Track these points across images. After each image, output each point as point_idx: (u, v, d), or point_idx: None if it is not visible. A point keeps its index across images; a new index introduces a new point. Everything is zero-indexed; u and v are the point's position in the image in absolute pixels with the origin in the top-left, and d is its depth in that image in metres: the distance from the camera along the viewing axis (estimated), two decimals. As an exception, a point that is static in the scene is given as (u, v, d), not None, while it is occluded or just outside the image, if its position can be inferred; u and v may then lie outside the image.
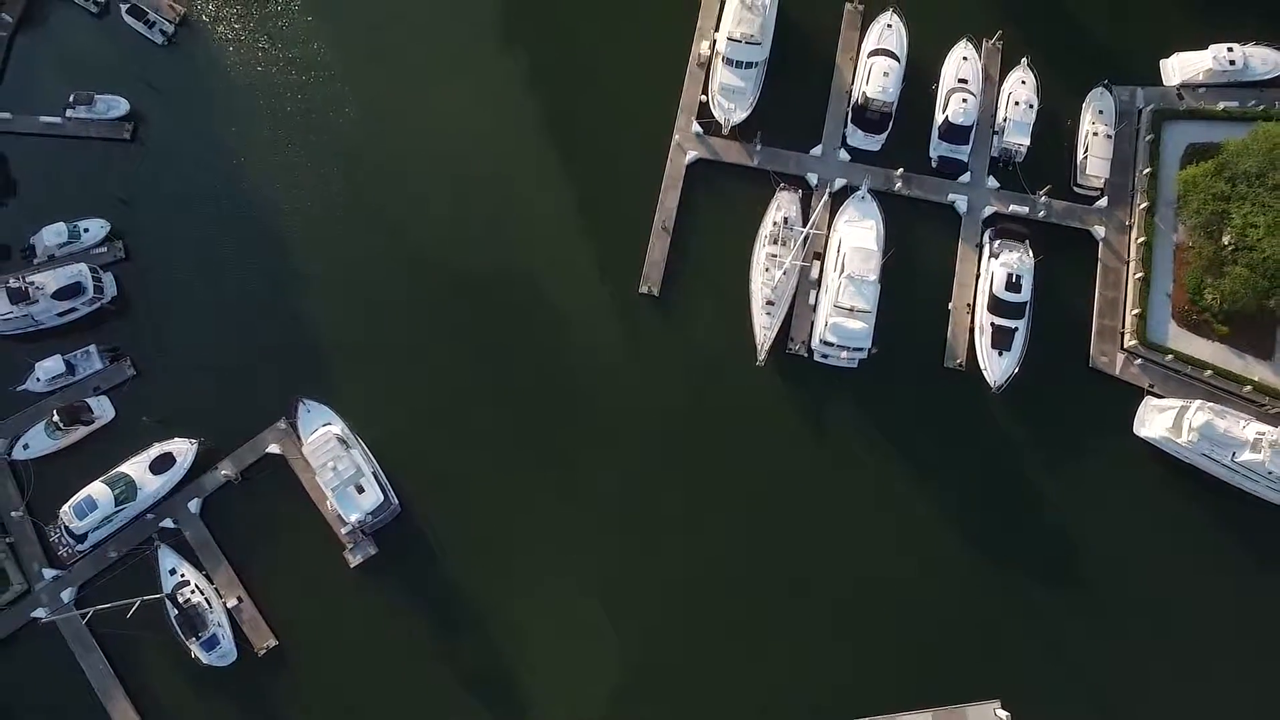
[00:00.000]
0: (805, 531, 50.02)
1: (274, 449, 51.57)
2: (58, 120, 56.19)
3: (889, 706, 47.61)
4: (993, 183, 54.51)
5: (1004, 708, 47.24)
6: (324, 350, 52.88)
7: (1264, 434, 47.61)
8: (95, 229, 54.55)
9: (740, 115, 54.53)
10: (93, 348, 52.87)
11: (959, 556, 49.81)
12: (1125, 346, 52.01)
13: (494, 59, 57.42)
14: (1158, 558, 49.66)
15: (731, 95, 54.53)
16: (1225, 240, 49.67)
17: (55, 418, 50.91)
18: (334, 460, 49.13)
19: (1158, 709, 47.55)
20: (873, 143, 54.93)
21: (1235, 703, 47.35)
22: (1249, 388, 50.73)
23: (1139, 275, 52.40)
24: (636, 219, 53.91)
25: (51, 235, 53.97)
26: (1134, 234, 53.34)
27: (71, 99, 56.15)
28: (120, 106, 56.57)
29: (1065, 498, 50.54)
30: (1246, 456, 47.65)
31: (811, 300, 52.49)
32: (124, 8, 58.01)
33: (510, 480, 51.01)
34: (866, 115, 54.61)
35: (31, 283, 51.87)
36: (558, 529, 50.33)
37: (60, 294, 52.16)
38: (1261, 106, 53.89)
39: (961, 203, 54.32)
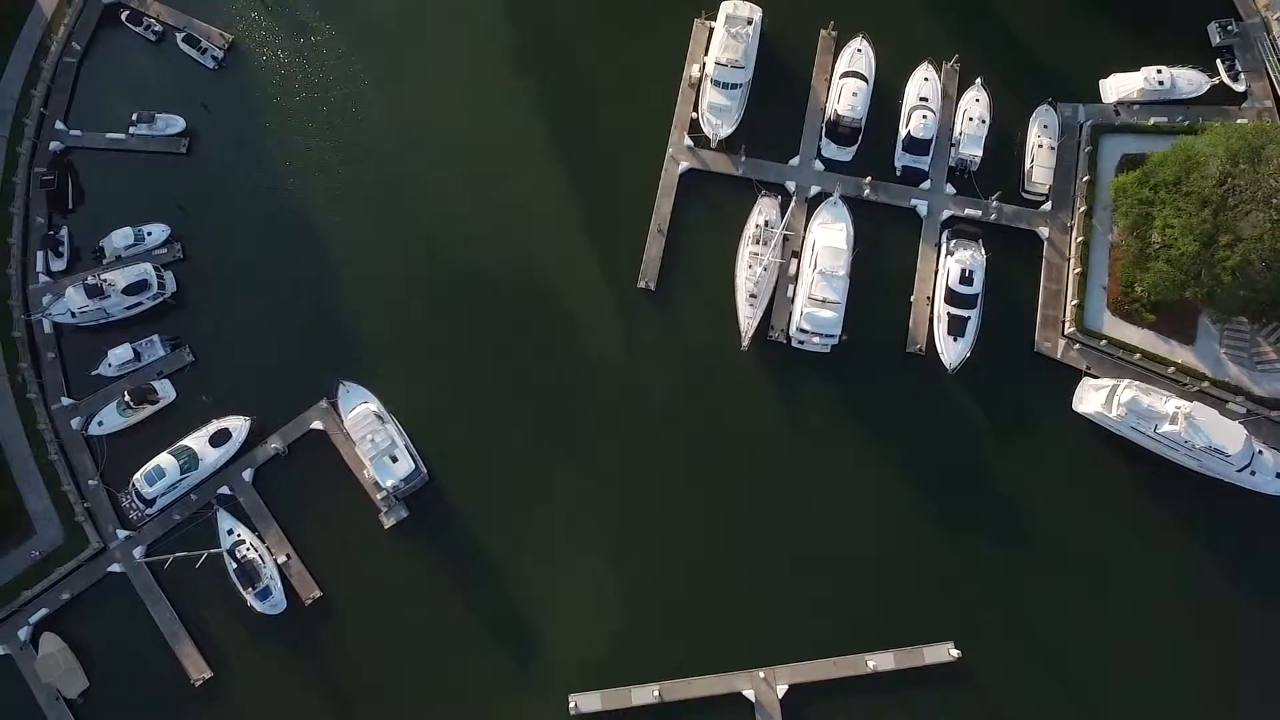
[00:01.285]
0: (784, 495, 56.67)
1: (317, 425, 58.48)
2: (122, 137, 63.14)
3: (856, 647, 54.16)
4: (950, 189, 61.17)
5: (956, 647, 53.97)
6: (361, 337, 59.72)
7: (1181, 408, 54.18)
8: (157, 232, 61.46)
9: (727, 130, 61.26)
10: (156, 337, 59.74)
11: (918, 517, 56.39)
12: (1065, 333, 58.64)
13: (508, 83, 64.23)
14: (1092, 518, 55.99)
15: (719, 113, 61.27)
16: (1154, 239, 56.50)
17: (125, 398, 57.93)
18: (372, 433, 56.15)
19: (1090, 646, 53.95)
20: (844, 154, 61.44)
21: (1152, 636, 53.94)
22: (1173, 369, 57.46)
23: (1078, 270, 59.18)
24: (635, 222, 60.58)
25: (119, 238, 60.97)
26: (1074, 234, 60.02)
27: (134, 118, 63.05)
28: (177, 124, 63.35)
29: (1012, 465, 57.09)
30: (1166, 428, 54.21)
31: (789, 293, 59.06)
32: (179, 36, 65.13)
33: (524, 452, 57.70)
34: (838, 130, 61.23)
35: (104, 280, 58.96)
36: (566, 495, 56.99)
37: (128, 290, 59.12)
38: (1186, 122, 60.34)
39: (922, 207, 61.09)
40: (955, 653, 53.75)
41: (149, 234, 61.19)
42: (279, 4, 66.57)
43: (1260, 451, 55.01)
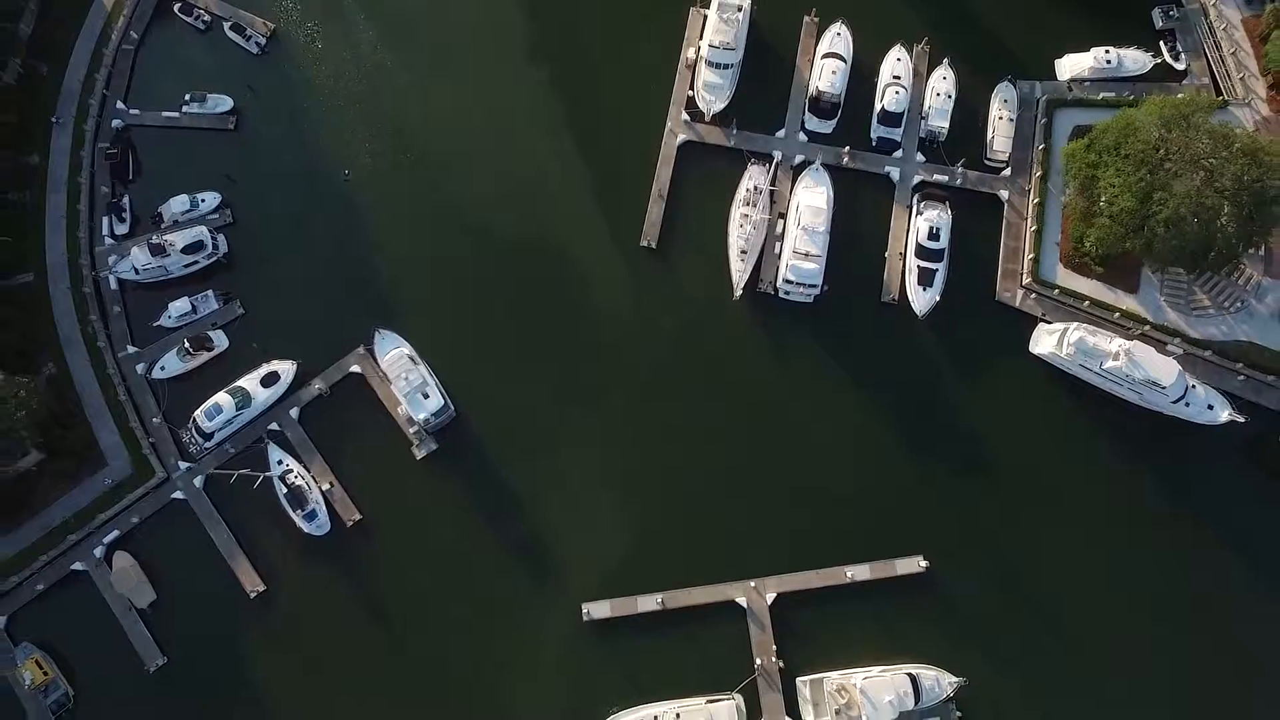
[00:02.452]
0: (772, 428, 63.44)
1: (355, 369, 65.42)
2: (176, 115, 70.15)
3: (836, 560, 60.89)
4: (920, 157, 68.02)
5: (925, 559, 60.85)
6: (393, 290, 66.62)
7: (1122, 346, 61.22)
8: (210, 199, 68.43)
9: (719, 106, 68.11)
10: (210, 292, 66.69)
11: (892, 446, 63.17)
12: (1023, 284, 65.49)
13: (523, 66, 71.24)
14: (1045, 446, 62.68)
15: (713, 90, 68.19)
16: (1099, 199, 63.40)
17: (185, 345, 64.88)
18: (405, 372, 63.13)
19: (1042, 556, 60.74)
20: (825, 127, 68.28)
21: (1097, 547, 60.83)
22: (1118, 315, 64.28)
23: (1034, 228, 66.02)
24: (638, 188, 67.45)
25: (177, 205, 68.00)
26: (1030, 196, 66.77)
27: (187, 97, 70.16)
28: (225, 103, 70.41)
29: (975, 401, 63.84)
30: (1110, 364, 60.98)
31: (776, 250, 66.00)
32: (226, 24, 72.22)
33: (540, 391, 64.55)
34: (820, 105, 68.14)
35: (166, 241, 66.18)
36: (578, 428, 63.80)
37: (186, 249, 66.11)
38: (1131, 96, 67.03)
39: (895, 173, 67.96)
40: (924, 564, 60.57)
41: (202, 200, 68.18)
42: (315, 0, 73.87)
43: (1193, 386, 61.77)
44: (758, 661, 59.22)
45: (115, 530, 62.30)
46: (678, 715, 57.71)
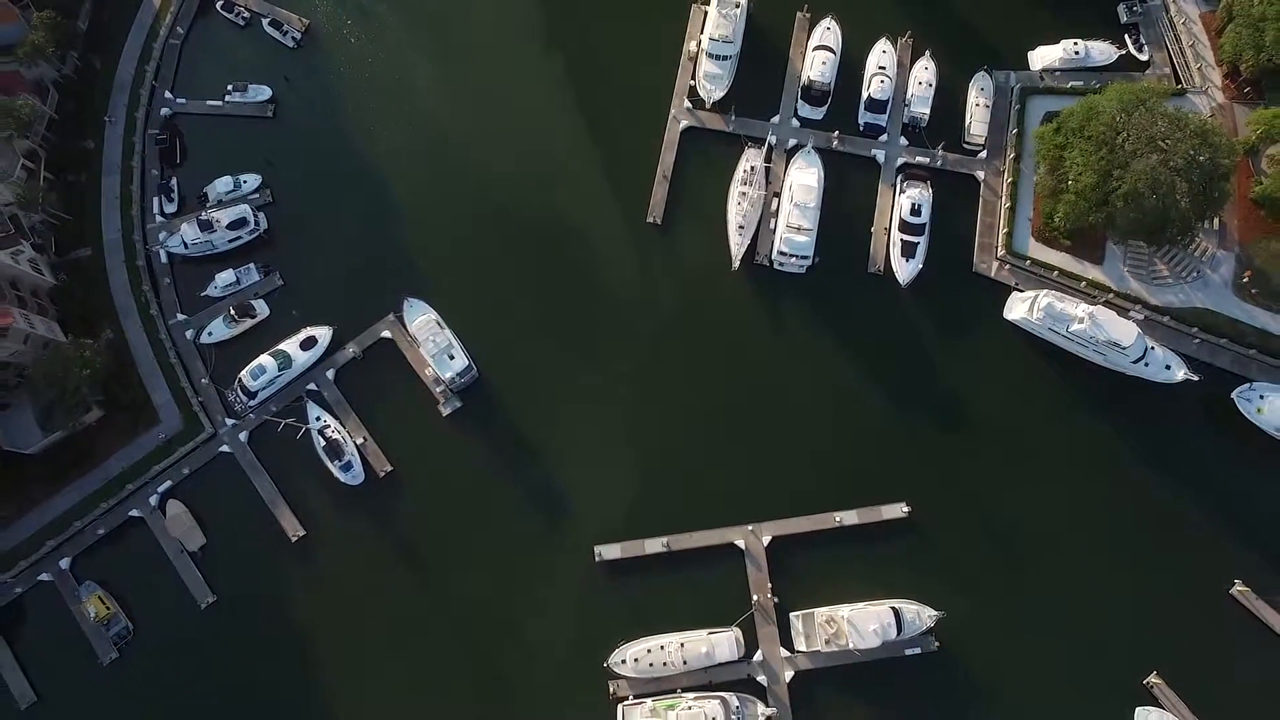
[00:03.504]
0: (768, 385, 69.26)
1: (386, 334, 71.33)
2: (219, 103, 76.29)
3: (827, 506, 66.51)
4: (903, 141, 73.93)
5: (907, 505, 66.61)
6: (420, 263, 72.55)
7: (1088, 311, 67.02)
8: (251, 181, 74.45)
9: (719, 94, 74.13)
10: (252, 265, 72.71)
11: (877, 402, 68.98)
12: (998, 256, 71.39)
13: (539, 58, 77.38)
14: (1017, 403, 68.53)
15: (713, 80, 74.22)
16: (1069, 179, 69.20)
17: (231, 312, 70.88)
18: (433, 335, 69.11)
19: (1013, 501, 66.49)
20: (816, 113, 74.33)
21: (1062, 489, 66.59)
22: (1084, 284, 70.14)
23: (1008, 205, 72.01)
24: (645, 169, 73.40)
25: (221, 185, 74.04)
26: (1005, 176, 72.72)
27: (229, 88, 76.28)
28: (264, 93, 76.50)
29: (954, 362, 69.64)
30: (1075, 327, 66.79)
31: (771, 225, 71.94)
32: (265, 21, 78.35)
33: (556, 353, 70.42)
34: (811, 93, 74.19)
35: (212, 218, 72.21)
36: (590, 387, 69.63)
37: (231, 226, 72.11)
38: (1098, 85, 72.82)
39: (880, 155, 73.92)
40: (906, 509, 66.31)
41: (245, 182, 74.19)
42: (346, -5, 79.98)
43: (1152, 348, 67.60)
44: (754, 598, 64.93)
45: (168, 481, 68.22)
46: (682, 645, 63.47)
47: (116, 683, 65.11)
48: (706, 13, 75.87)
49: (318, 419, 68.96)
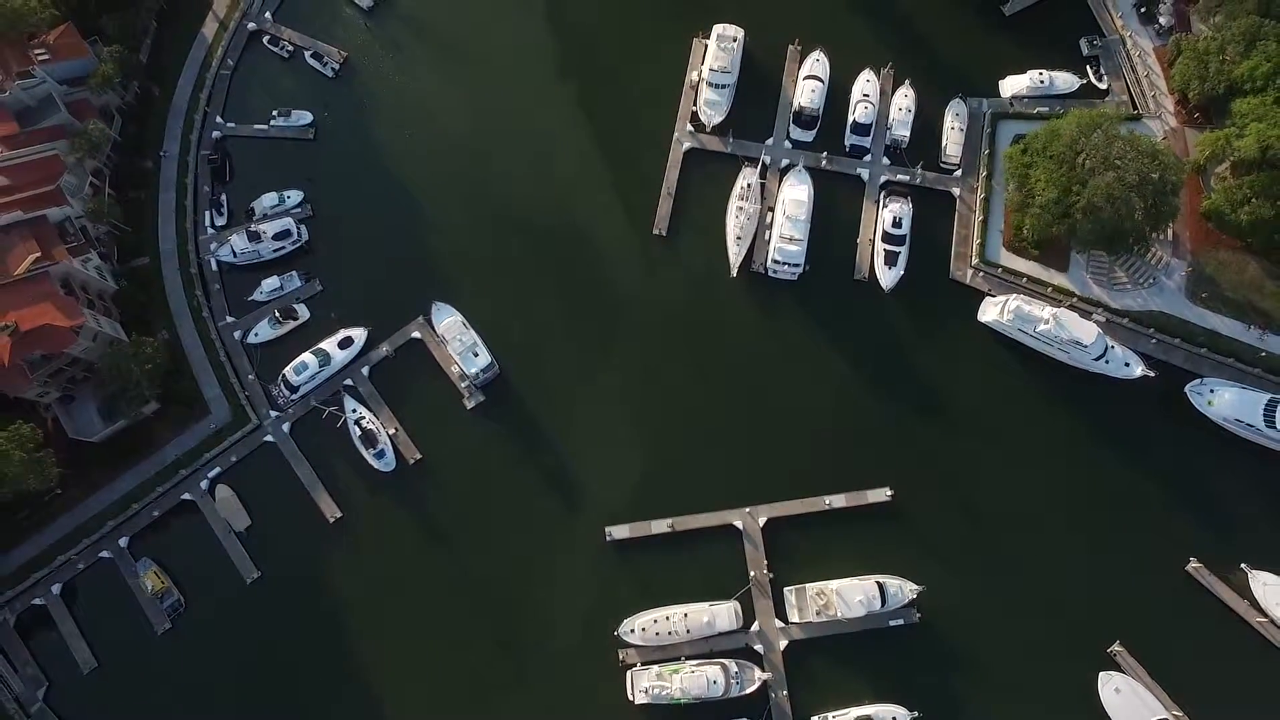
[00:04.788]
0: (763, 380, 75.91)
1: (416, 335, 78.26)
2: (265, 127, 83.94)
3: (817, 491, 72.68)
4: (885, 161, 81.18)
5: (890, 490, 72.94)
6: (448, 269, 79.65)
7: (1052, 313, 73.76)
8: (294, 196, 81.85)
9: (718, 119, 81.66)
10: (294, 272, 79.78)
11: (863, 395, 75.49)
12: (972, 264, 78.38)
13: (556, 88, 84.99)
14: (990, 397, 75.05)
15: (713, 106, 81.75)
16: (1035, 194, 76.40)
17: (276, 315, 77.95)
18: (459, 335, 76.08)
19: (987, 485, 72.82)
20: (806, 136, 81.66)
21: (1032, 475, 72.84)
22: (1051, 289, 76.98)
23: (980, 218, 79.09)
24: (652, 186, 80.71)
25: (267, 200, 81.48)
26: (978, 192, 79.81)
27: (274, 113, 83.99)
28: (306, 118, 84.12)
29: (932, 359, 76.28)
30: (1042, 328, 73.54)
31: (766, 236, 78.94)
32: (307, 53, 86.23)
33: (570, 352, 77.25)
34: (802, 118, 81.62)
35: (260, 230, 79.58)
36: (601, 383, 76.34)
37: (276, 237, 79.43)
38: (1062, 110, 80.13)
39: (865, 173, 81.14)
40: (890, 494, 72.55)
41: (288, 197, 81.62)
42: (380, 30, 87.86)
43: (1112, 346, 74.30)
44: (752, 574, 71.06)
45: (217, 467, 74.87)
46: (685, 616, 69.58)
47: (169, 650, 71.39)
48: (707, 46, 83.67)
49: (354, 411, 75.69)
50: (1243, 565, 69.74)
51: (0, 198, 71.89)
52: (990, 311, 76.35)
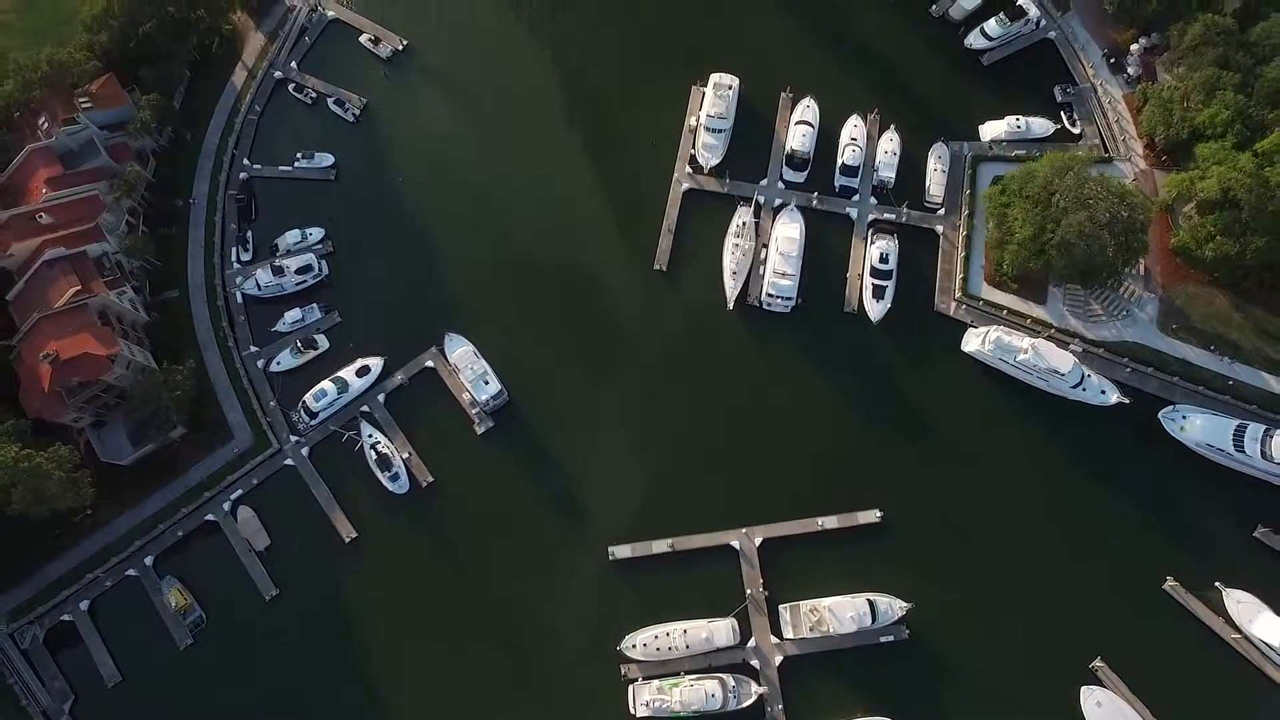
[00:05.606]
0: (758, 407, 79.81)
1: (429, 364, 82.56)
2: (289, 168, 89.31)
3: (810, 512, 76.07)
4: (872, 201, 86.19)
5: (880, 511, 76.51)
6: (460, 302, 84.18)
7: (1031, 343, 78.03)
8: (316, 233, 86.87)
9: (715, 161, 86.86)
10: (315, 305, 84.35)
11: (853, 423, 79.29)
12: (955, 298, 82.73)
13: (563, 131, 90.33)
14: (973, 423, 78.79)
15: (710, 149, 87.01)
16: (1010, 230, 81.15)
17: (298, 345, 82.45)
18: (470, 364, 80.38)
19: (971, 507, 76.34)
20: (798, 177, 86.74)
21: (1013, 498, 76.39)
22: (1030, 321, 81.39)
23: (963, 254, 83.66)
24: (653, 224, 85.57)
25: (290, 237, 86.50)
26: (960, 230, 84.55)
27: (298, 155, 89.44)
28: (328, 160, 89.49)
29: (918, 387, 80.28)
30: (1021, 357, 77.71)
31: (760, 271, 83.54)
32: (330, 99, 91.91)
33: (575, 381, 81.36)
34: (794, 160, 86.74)
35: (285, 265, 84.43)
36: (604, 410, 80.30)
37: (299, 271, 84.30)
38: (1038, 153, 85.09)
39: (853, 212, 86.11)
40: (879, 515, 76.01)
41: (310, 234, 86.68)
42: (398, 78, 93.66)
43: (1088, 375, 78.28)
44: (748, 592, 74.34)
45: (240, 489, 78.74)
46: (685, 632, 72.77)
47: (191, 665, 74.60)
48: (705, 94, 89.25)
49: (370, 436, 79.71)
50: (1217, 584, 72.95)
51: (45, 235, 77.05)
52: (972, 342, 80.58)
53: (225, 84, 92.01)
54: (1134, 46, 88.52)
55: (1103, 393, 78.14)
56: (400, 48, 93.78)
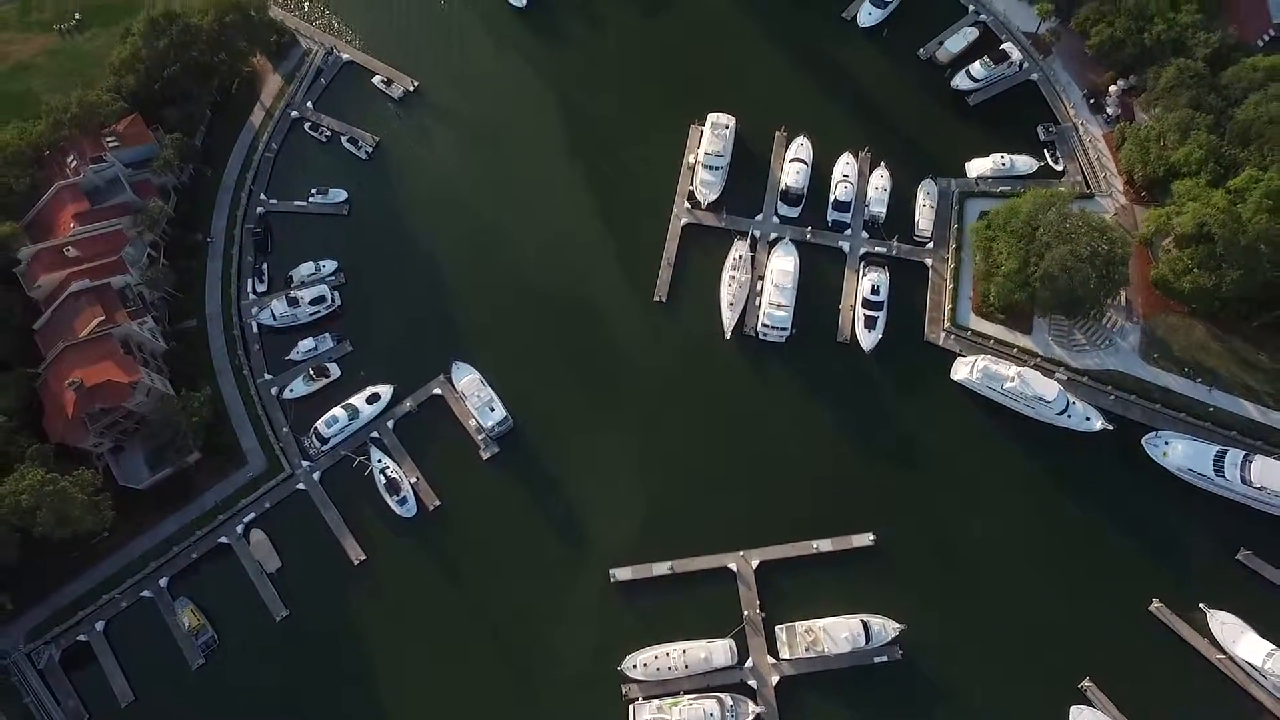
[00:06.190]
0: (754, 434, 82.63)
1: (437, 391, 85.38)
2: (304, 204, 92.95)
3: (806, 536, 78.50)
4: (864, 235, 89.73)
5: (873, 535, 78.81)
6: (467, 332, 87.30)
7: (1017, 371, 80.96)
8: (329, 265, 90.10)
9: (713, 197, 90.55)
10: (328, 334, 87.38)
11: (846, 449, 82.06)
12: (944, 328, 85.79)
13: (567, 168, 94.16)
14: (963, 449, 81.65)
15: (708, 185, 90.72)
16: (996, 263, 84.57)
17: (310, 373, 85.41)
18: (476, 392, 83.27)
19: (961, 531, 78.80)
20: (792, 212, 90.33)
21: (1001, 521, 78.91)
22: (1016, 350, 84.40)
23: (951, 286, 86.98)
24: (653, 257, 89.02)
25: (304, 269, 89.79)
26: (948, 263, 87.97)
27: (312, 191, 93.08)
28: (341, 195, 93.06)
29: (909, 414, 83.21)
30: (1008, 385, 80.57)
31: (756, 302, 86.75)
32: (344, 138, 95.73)
33: (578, 408, 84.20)
34: (788, 196, 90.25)
35: (299, 296, 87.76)
36: (606, 436, 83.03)
37: (312, 302, 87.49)
38: (1022, 189, 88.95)
39: (846, 246, 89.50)
40: (872, 538, 78.43)
41: (324, 266, 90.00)
42: (409, 117, 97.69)
43: (1073, 402, 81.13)
44: (745, 613, 76.44)
45: (252, 512, 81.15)
46: (684, 652, 74.80)
47: (203, 685, 76.50)
48: (703, 132, 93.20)
49: (379, 461, 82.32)
50: (1201, 605, 75.13)
51: (71, 267, 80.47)
52: (961, 370, 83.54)
53: (244, 123, 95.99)
54: (1112, 88, 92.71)
55: (1087, 419, 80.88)
56: (411, 89, 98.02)
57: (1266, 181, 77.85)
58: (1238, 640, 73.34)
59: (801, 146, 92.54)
